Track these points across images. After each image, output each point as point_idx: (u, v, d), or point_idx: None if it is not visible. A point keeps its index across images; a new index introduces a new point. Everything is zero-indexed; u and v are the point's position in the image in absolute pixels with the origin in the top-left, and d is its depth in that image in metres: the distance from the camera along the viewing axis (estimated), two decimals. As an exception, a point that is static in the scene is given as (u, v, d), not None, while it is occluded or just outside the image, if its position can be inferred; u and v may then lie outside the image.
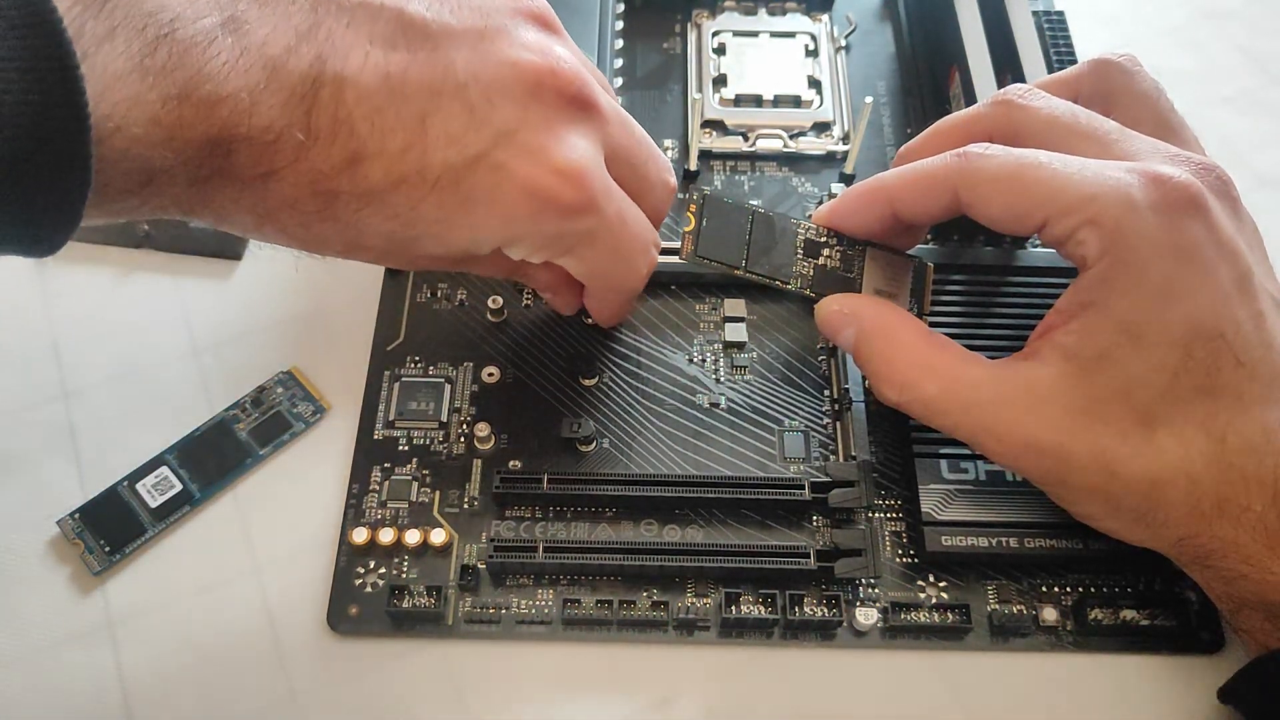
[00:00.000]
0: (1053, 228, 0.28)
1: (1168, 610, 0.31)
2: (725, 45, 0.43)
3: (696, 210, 0.32)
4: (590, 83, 0.28)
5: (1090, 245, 0.27)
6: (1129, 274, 0.27)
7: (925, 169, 0.30)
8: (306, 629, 0.31)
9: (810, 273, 0.33)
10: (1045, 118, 0.30)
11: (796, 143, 0.41)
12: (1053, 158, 0.28)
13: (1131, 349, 0.27)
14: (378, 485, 0.33)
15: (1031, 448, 0.28)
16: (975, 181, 0.29)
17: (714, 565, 0.31)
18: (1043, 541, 0.31)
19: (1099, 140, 0.29)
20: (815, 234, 0.33)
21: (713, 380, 0.36)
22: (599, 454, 0.34)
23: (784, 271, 0.32)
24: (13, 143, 0.19)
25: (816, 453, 0.34)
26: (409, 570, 0.32)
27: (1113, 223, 0.27)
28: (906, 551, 0.32)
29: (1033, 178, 0.28)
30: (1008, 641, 0.31)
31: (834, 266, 0.33)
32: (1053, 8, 0.43)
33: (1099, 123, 0.30)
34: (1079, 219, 0.27)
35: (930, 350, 0.30)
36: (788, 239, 0.33)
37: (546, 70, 0.27)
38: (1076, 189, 0.27)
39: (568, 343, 0.36)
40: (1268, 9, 0.47)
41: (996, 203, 0.29)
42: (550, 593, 0.31)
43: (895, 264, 0.34)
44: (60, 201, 0.20)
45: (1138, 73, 0.32)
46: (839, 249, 0.33)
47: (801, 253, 0.33)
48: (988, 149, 0.29)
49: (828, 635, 0.31)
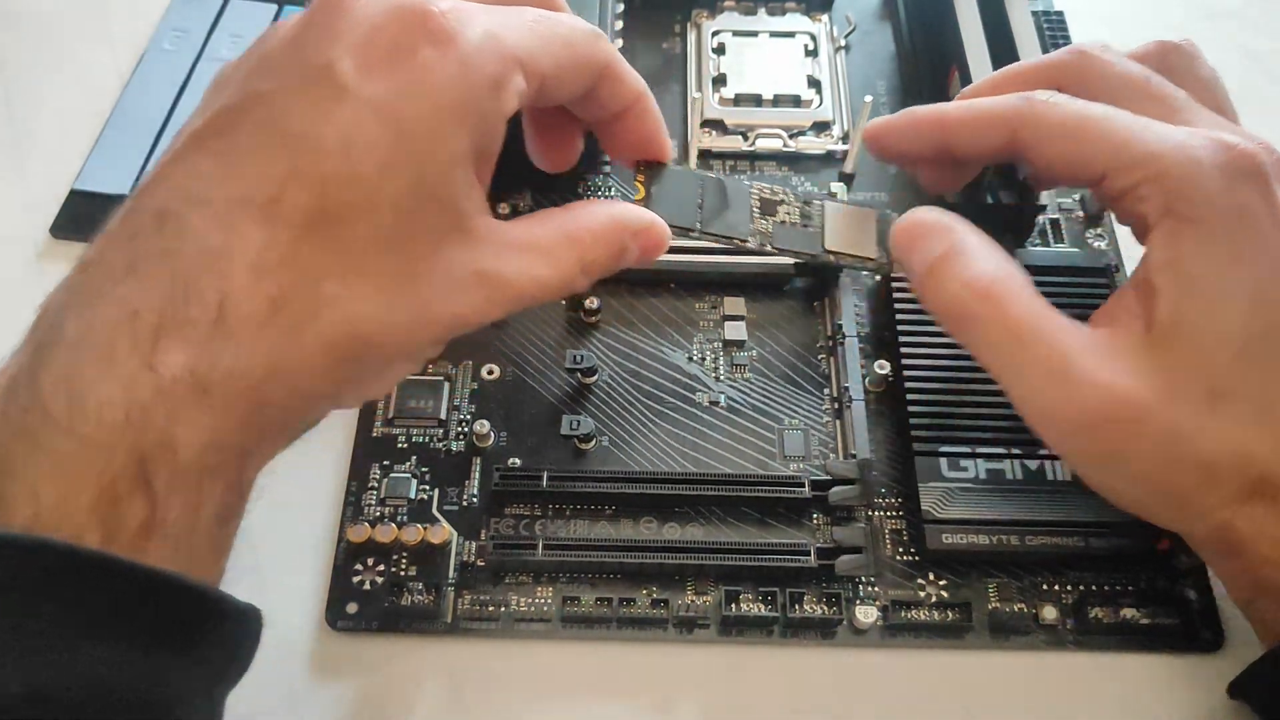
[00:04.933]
0: (1113, 181, 0.28)
1: (1168, 609, 0.31)
2: (725, 45, 0.43)
3: (645, 180, 0.31)
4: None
5: (1152, 202, 0.27)
6: (1196, 233, 0.26)
7: (988, 105, 0.30)
8: (305, 626, 0.31)
9: (770, 229, 0.32)
10: (1120, 74, 0.30)
11: (796, 142, 0.41)
12: (1119, 113, 0.28)
13: (1203, 313, 0.26)
14: (376, 482, 0.33)
15: (1105, 425, 0.26)
16: (1038, 125, 0.29)
17: (714, 563, 0.31)
18: (1043, 539, 0.31)
19: (1168, 105, 0.29)
20: (770, 193, 0.33)
21: (712, 378, 0.36)
22: (598, 452, 0.34)
23: (741, 230, 0.32)
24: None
25: (816, 450, 0.34)
26: (408, 567, 0.32)
27: (1176, 181, 0.26)
28: (907, 549, 0.32)
29: (1098, 129, 0.28)
30: (1008, 640, 0.31)
31: (793, 222, 0.33)
32: (1052, 8, 0.43)
33: (1170, 89, 0.29)
34: (1142, 174, 0.27)
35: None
36: (741, 199, 0.32)
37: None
38: (1142, 144, 0.27)
39: (567, 340, 0.36)
40: (1268, 9, 0.47)
41: (1056, 148, 0.29)
42: (549, 590, 0.31)
43: (857, 216, 0.33)
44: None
45: (1199, 58, 0.31)
46: (797, 205, 0.33)
47: (758, 211, 0.32)
48: (1054, 95, 0.29)
49: (828, 633, 0.31)
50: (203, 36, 0.44)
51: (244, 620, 0.23)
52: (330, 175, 0.23)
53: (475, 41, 0.24)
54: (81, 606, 0.20)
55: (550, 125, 0.31)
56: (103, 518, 0.20)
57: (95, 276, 0.22)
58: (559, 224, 0.27)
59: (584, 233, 0.27)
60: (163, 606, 0.21)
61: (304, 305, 0.22)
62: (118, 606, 0.20)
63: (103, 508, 0.20)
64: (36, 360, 0.21)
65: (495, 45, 0.24)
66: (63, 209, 0.39)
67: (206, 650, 0.22)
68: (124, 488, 0.20)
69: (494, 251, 0.25)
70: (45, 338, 0.22)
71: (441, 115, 0.24)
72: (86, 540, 0.20)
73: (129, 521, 0.20)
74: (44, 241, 0.39)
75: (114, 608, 0.20)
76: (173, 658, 0.21)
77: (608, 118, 0.30)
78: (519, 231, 0.26)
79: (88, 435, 0.20)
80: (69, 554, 0.20)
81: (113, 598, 0.20)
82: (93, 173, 0.40)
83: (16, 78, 0.44)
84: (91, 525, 0.20)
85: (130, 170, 0.40)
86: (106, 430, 0.20)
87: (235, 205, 0.22)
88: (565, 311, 0.37)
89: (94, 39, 0.45)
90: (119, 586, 0.20)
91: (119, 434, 0.20)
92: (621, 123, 0.30)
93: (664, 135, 0.31)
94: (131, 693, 0.20)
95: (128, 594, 0.20)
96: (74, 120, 0.42)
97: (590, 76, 0.28)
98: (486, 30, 0.24)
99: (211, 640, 0.22)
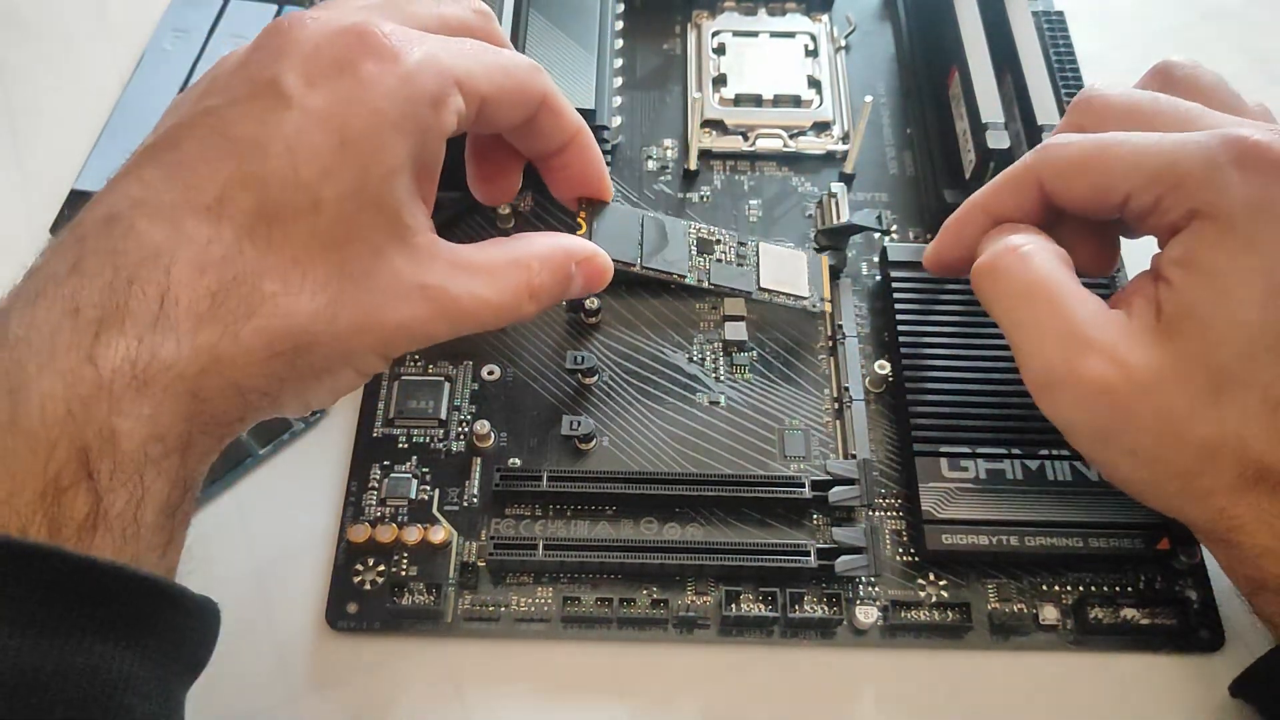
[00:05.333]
0: (1137, 200, 0.28)
1: (1168, 609, 0.31)
2: (725, 45, 0.44)
3: (587, 215, 0.32)
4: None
5: (1176, 212, 0.27)
6: (1215, 228, 0.26)
7: (1008, 171, 0.31)
8: (305, 626, 0.31)
9: (707, 266, 0.34)
10: (1126, 103, 0.30)
11: (796, 142, 0.41)
12: (1130, 135, 0.28)
13: (1214, 305, 0.26)
14: (377, 483, 0.33)
15: (1104, 395, 0.27)
16: (1056, 166, 0.29)
17: (714, 563, 0.31)
18: (1043, 540, 0.31)
19: (1182, 118, 0.29)
20: (707, 233, 0.35)
21: (712, 379, 0.36)
22: (599, 452, 0.34)
23: (680, 266, 0.34)
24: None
25: (817, 451, 0.34)
26: (408, 568, 0.32)
27: (1195, 184, 0.27)
28: (907, 550, 0.32)
29: (1113, 154, 0.28)
30: (1008, 640, 0.31)
31: (729, 260, 0.35)
32: (1052, 8, 0.43)
33: (1180, 104, 0.29)
34: (1162, 187, 0.27)
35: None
36: (679, 238, 0.34)
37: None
38: (1156, 158, 0.27)
39: (567, 341, 0.36)
40: (1268, 9, 0.47)
41: (1079, 184, 0.29)
42: (550, 590, 0.31)
43: (789, 257, 0.35)
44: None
45: (1198, 67, 0.31)
46: (733, 245, 0.35)
47: (695, 250, 0.34)
48: (1065, 136, 0.30)
49: (828, 633, 0.31)
50: (203, 36, 0.44)
51: (195, 612, 0.23)
52: (273, 178, 0.23)
53: (416, 59, 0.25)
54: (15, 598, 0.20)
55: (490, 157, 0.32)
56: (48, 511, 0.20)
57: (39, 279, 0.23)
58: (506, 249, 0.28)
59: (531, 258, 0.28)
60: (104, 596, 0.21)
61: (244, 300, 0.23)
62: (56, 596, 0.20)
63: (48, 500, 0.20)
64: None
65: (435, 64, 0.26)
66: (63, 209, 0.39)
67: (151, 640, 0.22)
68: (68, 479, 0.21)
69: (441, 268, 0.26)
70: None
71: (382, 125, 0.24)
72: (31, 534, 0.20)
73: (74, 514, 0.21)
74: (44, 242, 0.39)
75: (52, 597, 0.20)
76: (114, 647, 0.21)
77: (548, 153, 0.31)
78: (467, 253, 0.27)
79: (31, 430, 0.21)
80: (4, 546, 0.20)
81: (51, 587, 0.20)
82: (93, 173, 0.40)
83: (16, 78, 0.44)
84: (37, 519, 0.20)
85: (130, 170, 0.40)
86: (49, 424, 0.21)
87: (181, 206, 0.23)
88: (566, 312, 0.37)
89: (94, 39, 0.45)
90: (58, 576, 0.20)
91: (61, 427, 0.21)
92: (562, 158, 0.31)
93: (604, 173, 0.32)
94: (67, 681, 0.20)
95: (67, 583, 0.20)
96: (74, 120, 0.42)
97: (528, 105, 0.29)
98: (427, 51, 0.26)
99: (158, 630, 0.22)
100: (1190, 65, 0.31)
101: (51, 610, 0.20)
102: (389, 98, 0.25)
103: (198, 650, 0.24)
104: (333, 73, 0.24)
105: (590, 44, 0.39)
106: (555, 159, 0.31)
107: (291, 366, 0.24)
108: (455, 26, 0.28)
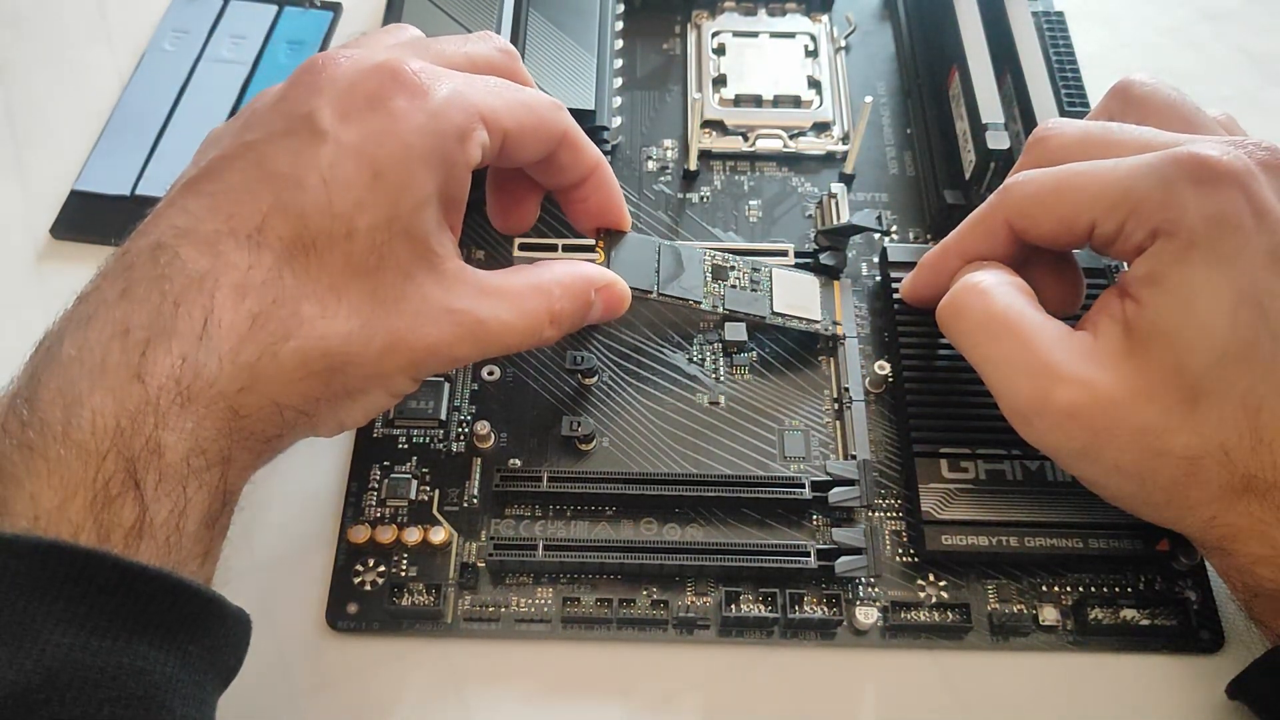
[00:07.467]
0: (1101, 228, 0.28)
1: (1168, 610, 0.31)
2: (725, 45, 0.44)
3: (605, 245, 0.33)
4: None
5: (1140, 233, 0.27)
6: (1176, 244, 0.27)
7: (974, 214, 0.31)
8: (305, 627, 0.31)
9: (722, 292, 0.35)
10: (1080, 136, 0.30)
11: (796, 143, 0.41)
12: (1088, 164, 0.29)
13: (1181, 320, 0.27)
14: (377, 483, 0.33)
15: (1078, 418, 0.27)
16: (1019, 204, 0.30)
17: (714, 564, 0.31)
18: (1042, 541, 0.31)
19: (1136, 143, 0.29)
20: (722, 259, 0.35)
21: (712, 379, 0.36)
22: (599, 453, 0.34)
23: (695, 293, 0.34)
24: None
25: (817, 451, 0.34)
26: (408, 568, 0.32)
27: (1154, 206, 0.27)
28: (906, 550, 0.32)
29: (1071, 185, 0.29)
30: (1008, 641, 0.31)
31: (743, 286, 0.35)
32: (1052, 8, 0.43)
33: (1132, 129, 0.30)
34: (1123, 212, 0.27)
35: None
36: (695, 265, 0.35)
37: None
38: (1115, 184, 0.28)
39: (568, 341, 0.36)
40: (1268, 9, 0.47)
41: (1045, 219, 0.29)
42: (550, 591, 0.31)
43: (801, 281, 0.36)
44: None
45: (1156, 84, 0.32)
46: (746, 270, 0.35)
47: (710, 276, 0.35)
48: (1024, 174, 0.30)
49: (828, 634, 0.31)
50: (203, 37, 0.44)
51: (231, 620, 0.24)
52: (310, 209, 0.25)
53: (444, 95, 0.27)
54: (69, 598, 0.21)
55: (510, 189, 0.33)
56: (98, 518, 0.21)
57: (91, 304, 0.24)
58: (529, 276, 0.29)
59: (553, 285, 0.29)
60: (151, 600, 0.22)
61: (283, 322, 0.24)
62: (107, 599, 0.21)
63: (98, 508, 0.21)
64: (35, 380, 0.23)
65: (462, 100, 0.27)
66: (63, 209, 0.39)
67: (192, 645, 0.22)
68: (116, 489, 0.22)
69: (468, 293, 0.27)
70: (43, 359, 0.23)
71: (412, 159, 0.26)
72: (82, 539, 0.21)
73: (122, 521, 0.22)
74: (44, 242, 0.39)
75: (103, 600, 0.21)
76: (159, 650, 0.22)
77: (568, 185, 0.32)
78: (492, 279, 0.28)
79: (82, 442, 0.22)
80: (60, 550, 0.21)
81: (102, 590, 0.21)
82: (93, 173, 0.40)
83: (17, 78, 0.44)
84: (87, 526, 0.21)
85: (130, 170, 0.40)
86: (99, 437, 0.22)
87: (223, 235, 0.24)
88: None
89: (94, 39, 0.45)
90: (108, 580, 0.21)
91: (110, 439, 0.22)
92: (581, 191, 0.32)
93: (622, 205, 0.33)
94: (115, 681, 0.21)
95: (117, 587, 0.21)
96: (74, 120, 0.42)
97: (550, 140, 0.30)
98: (454, 88, 0.27)
99: (198, 636, 0.23)
100: (1149, 83, 0.32)
101: (102, 612, 0.21)
102: (418, 132, 0.26)
103: (231, 658, 0.24)
104: (365, 108, 0.26)
105: (590, 44, 0.39)
106: (575, 192, 0.32)
107: (327, 386, 0.25)
108: (481, 65, 0.30)
